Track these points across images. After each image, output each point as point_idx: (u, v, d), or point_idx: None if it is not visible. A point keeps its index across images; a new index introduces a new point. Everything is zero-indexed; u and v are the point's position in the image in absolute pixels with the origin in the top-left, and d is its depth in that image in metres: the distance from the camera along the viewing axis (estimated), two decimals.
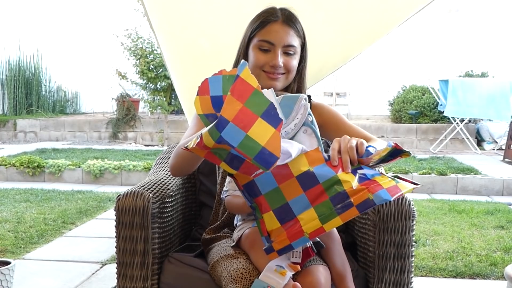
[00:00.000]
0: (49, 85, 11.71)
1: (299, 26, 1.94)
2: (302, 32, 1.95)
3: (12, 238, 4.00)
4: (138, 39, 9.84)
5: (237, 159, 1.35)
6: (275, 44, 1.88)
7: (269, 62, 1.89)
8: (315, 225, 1.42)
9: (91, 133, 10.20)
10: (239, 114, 1.29)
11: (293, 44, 1.90)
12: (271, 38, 1.89)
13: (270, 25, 1.89)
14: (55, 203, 5.14)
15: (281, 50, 1.89)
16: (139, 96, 10.54)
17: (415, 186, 1.47)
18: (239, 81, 1.30)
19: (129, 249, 1.83)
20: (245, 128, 1.30)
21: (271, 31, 1.89)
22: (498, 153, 8.48)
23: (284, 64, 1.90)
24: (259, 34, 1.91)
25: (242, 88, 1.30)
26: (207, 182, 2.28)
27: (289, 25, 1.90)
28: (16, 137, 10.29)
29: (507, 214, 4.84)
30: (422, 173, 6.20)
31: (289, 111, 1.56)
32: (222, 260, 1.72)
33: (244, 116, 1.29)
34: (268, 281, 1.55)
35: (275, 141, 1.31)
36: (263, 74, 1.91)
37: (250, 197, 1.48)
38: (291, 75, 1.95)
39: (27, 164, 6.58)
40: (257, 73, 1.92)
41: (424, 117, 9.63)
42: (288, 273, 1.57)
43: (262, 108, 1.30)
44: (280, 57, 1.89)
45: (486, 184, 6.05)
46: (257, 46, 1.91)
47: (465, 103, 8.16)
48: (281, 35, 1.89)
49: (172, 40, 2.58)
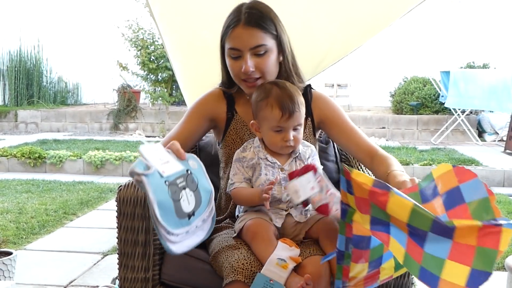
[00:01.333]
0: (50, 76, 11.70)
1: (268, 21, 1.84)
2: (273, 25, 1.85)
3: (13, 229, 4.01)
4: (139, 30, 9.81)
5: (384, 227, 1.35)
6: (242, 50, 1.82)
7: (242, 69, 1.83)
8: (388, 273, 1.51)
9: (92, 124, 10.20)
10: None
11: (261, 43, 1.82)
12: (236, 45, 1.83)
13: (233, 31, 1.83)
14: (57, 194, 5.14)
15: (249, 53, 1.82)
16: (140, 87, 10.53)
17: None
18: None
19: (131, 239, 1.83)
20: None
21: (235, 37, 1.83)
22: (499, 144, 8.47)
23: (257, 67, 1.83)
24: (227, 41, 1.86)
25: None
26: (209, 173, 2.27)
27: (251, 26, 1.81)
28: (17, 128, 10.29)
29: (507, 205, 4.84)
30: (423, 164, 6.19)
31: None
32: (224, 250, 1.73)
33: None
34: (270, 275, 1.56)
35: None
36: (243, 84, 1.89)
37: (349, 246, 1.45)
38: (269, 75, 1.88)
39: (29, 155, 6.58)
40: (239, 82, 1.91)
41: (425, 109, 9.62)
42: (290, 265, 1.58)
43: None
44: (250, 61, 1.82)
45: (487, 175, 6.05)
46: (228, 55, 1.87)
47: (467, 95, 8.15)
48: (244, 38, 1.81)
49: (174, 31, 2.57)
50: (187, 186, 1.53)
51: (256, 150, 1.86)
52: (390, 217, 1.30)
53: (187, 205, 1.51)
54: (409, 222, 1.25)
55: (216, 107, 2.00)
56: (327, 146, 2.25)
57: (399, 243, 1.31)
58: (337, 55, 2.64)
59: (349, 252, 1.46)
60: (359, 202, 1.37)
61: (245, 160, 1.85)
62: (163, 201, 1.45)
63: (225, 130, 2.00)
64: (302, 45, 2.51)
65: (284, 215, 1.80)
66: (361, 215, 1.38)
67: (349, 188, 1.38)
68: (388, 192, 1.28)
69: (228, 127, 2.00)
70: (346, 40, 2.58)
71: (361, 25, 2.53)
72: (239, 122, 1.99)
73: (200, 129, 1.99)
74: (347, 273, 1.47)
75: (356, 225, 1.42)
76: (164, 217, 1.44)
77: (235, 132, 1.99)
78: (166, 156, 1.54)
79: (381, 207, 1.30)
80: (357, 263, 1.46)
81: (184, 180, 1.53)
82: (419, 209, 1.23)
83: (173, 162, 1.54)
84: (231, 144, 1.98)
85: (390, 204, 1.28)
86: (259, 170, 1.83)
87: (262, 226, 1.72)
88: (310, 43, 2.53)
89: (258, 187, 1.80)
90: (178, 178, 1.51)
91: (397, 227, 1.30)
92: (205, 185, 1.59)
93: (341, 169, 1.41)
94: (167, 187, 1.47)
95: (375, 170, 1.86)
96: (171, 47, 2.64)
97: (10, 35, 11.09)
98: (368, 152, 1.89)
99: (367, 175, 1.36)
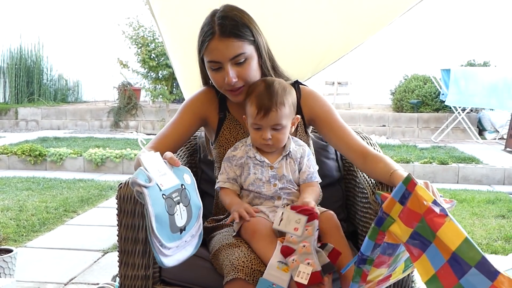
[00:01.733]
0: (50, 74, 11.71)
1: (243, 28, 1.80)
2: (249, 31, 1.82)
3: (14, 226, 4.01)
4: (139, 27, 9.81)
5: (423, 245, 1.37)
6: (221, 62, 1.80)
7: (224, 80, 1.81)
8: (398, 275, 1.59)
9: (93, 121, 10.20)
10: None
11: (239, 52, 1.79)
12: (214, 58, 1.80)
13: (209, 44, 1.80)
14: (57, 192, 5.15)
15: (229, 64, 1.80)
16: (141, 85, 10.53)
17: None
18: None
19: (131, 237, 1.83)
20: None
21: (212, 50, 1.80)
22: (500, 142, 8.48)
23: (239, 76, 1.81)
24: (205, 54, 1.83)
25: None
26: (209, 171, 2.28)
27: (227, 37, 1.77)
28: (17, 125, 10.29)
29: (508, 203, 4.84)
30: (423, 162, 6.19)
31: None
32: (224, 248, 1.73)
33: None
34: (272, 279, 1.56)
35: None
36: (228, 93, 1.88)
37: (376, 251, 1.46)
38: (251, 81, 1.85)
39: (29, 153, 6.59)
40: (224, 92, 1.90)
41: (425, 106, 9.62)
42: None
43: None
44: (232, 71, 1.80)
45: (487, 174, 6.05)
46: (209, 67, 1.85)
47: (467, 93, 8.15)
48: (222, 51, 1.78)
49: (174, 28, 2.56)
50: (181, 200, 1.56)
51: (247, 148, 1.87)
52: (435, 238, 1.32)
53: (180, 219, 1.54)
54: (456, 251, 1.28)
55: (208, 107, 2.00)
56: (327, 144, 2.25)
57: (431, 263, 1.34)
58: (338, 53, 2.63)
59: (373, 257, 1.47)
60: (409, 214, 1.38)
61: (234, 159, 1.87)
62: (160, 214, 1.47)
63: (217, 130, 2.00)
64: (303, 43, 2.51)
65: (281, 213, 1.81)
66: (402, 227, 1.39)
67: (403, 198, 1.39)
68: (446, 216, 1.33)
69: (221, 127, 1.99)
70: (347, 38, 2.58)
71: (362, 23, 2.53)
72: (232, 122, 1.99)
73: (192, 127, 1.99)
74: (366, 277, 1.49)
75: (390, 234, 1.44)
76: (159, 230, 1.47)
77: (228, 132, 1.98)
78: (163, 167, 1.56)
79: (432, 227, 1.33)
80: (378, 268, 1.48)
81: (179, 194, 1.56)
82: (471, 243, 1.28)
83: (169, 175, 1.56)
84: (225, 144, 1.97)
85: (444, 228, 1.31)
86: (248, 169, 1.85)
87: (261, 224, 1.72)
88: (311, 41, 2.53)
89: (247, 186, 1.84)
90: (174, 192, 1.54)
91: (438, 249, 1.32)
92: (196, 201, 1.62)
93: (405, 178, 1.40)
94: (164, 200, 1.49)
95: (369, 170, 1.83)
96: (171, 45, 2.63)
97: (11, 33, 11.09)
98: (360, 152, 1.86)
99: (429, 192, 1.38)
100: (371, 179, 1.88)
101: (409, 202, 1.38)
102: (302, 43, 2.50)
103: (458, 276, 1.28)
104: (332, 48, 2.61)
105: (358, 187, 2.07)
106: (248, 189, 1.85)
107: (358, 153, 1.87)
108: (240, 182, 1.87)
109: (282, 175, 1.84)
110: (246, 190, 1.86)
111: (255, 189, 1.84)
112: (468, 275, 1.27)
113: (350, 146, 1.89)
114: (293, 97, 1.85)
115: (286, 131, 1.83)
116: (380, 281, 1.54)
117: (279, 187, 1.84)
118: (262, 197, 1.84)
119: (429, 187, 1.54)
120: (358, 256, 1.49)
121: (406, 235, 1.38)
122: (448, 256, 1.29)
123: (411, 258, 1.38)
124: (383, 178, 1.73)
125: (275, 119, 1.78)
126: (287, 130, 1.83)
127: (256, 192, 1.84)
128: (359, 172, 2.04)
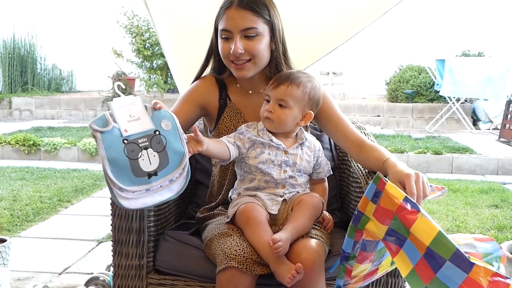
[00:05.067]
0: (44, 63, 11.64)
1: (261, 5, 1.85)
2: (266, 11, 1.86)
3: (8, 216, 4.00)
4: (134, 17, 9.76)
5: (399, 241, 1.38)
6: (232, 31, 1.83)
7: (230, 50, 1.83)
8: (385, 268, 1.59)
9: (87, 111, 10.17)
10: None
11: (251, 26, 1.82)
12: (227, 26, 1.83)
13: (226, 12, 1.84)
14: (51, 181, 5.14)
15: (239, 35, 1.82)
16: (135, 75, 10.49)
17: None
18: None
19: (125, 227, 1.83)
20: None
21: (227, 18, 1.84)
22: (494, 132, 8.50)
23: (246, 49, 1.83)
24: (220, 23, 1.87)
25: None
26: (203, 160, 2.28)
27: (244, 8, 1.82)
28: (11, 115, 10.25)
29: (501, 193, 4.87)
30: (417, 152, 6.21)
31: None
32: (216, 238, 1.73)
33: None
34: None
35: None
36: (232, 66, 1.89)
37: (357, 248, 1.48)
38: (258, 59, 1.87)
39: (23, 142, 6.57)
40: (228, 65, 1.91)
41: (420, 97, 9.63)
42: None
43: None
44: (239, 43, 1.82)
45: (481, 164, 6.07)
46: (220, 36, 1.88)
47: (462, 83, 8.16)
48: (236, 20, 1.82)
49: (167, 17, 2.55)
50: (150, 146, 1.56)
51: (260, 132, 1.87)
52: (410, 235, 1.34)
53: (147, 164, 1.54)
54: (430, 246, 1.30)
55: (208, 94, 2.00)
56: (321, 134, 2.25)
57: (409, 258, 1.35)
58: (333, 43, 2.63)
59: (355, 254, 1.49)
60: (381, 212, 1.40)
61: (247, 134, 1.87)
62: (116, 158, 1.51)
63: (217, 117, 2.00)
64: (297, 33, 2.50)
65: (280, 201, 1.81)
66: (377, 224, 1.41)
67: (375, 197, 1.41)
68: (418, 212, 1.34)
69: (221, 114, 1.99)
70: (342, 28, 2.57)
71: (357, 13, 2.52)
72: (232, 110, 1.99)
73: (192, 116, 1.99)
74: (350, 272, 1.50)
75: (368, 232, 1.45)
76: (116, 173, 1.50)
77: (229, 120, 1.98)
78: (139, 112, 1.58)
79: (405, 224, 1.34)
80: (362, 264, 1.50)
81: (148, 140, 1.56)
82: (444, 237, 1.29)
83: (144, 120, 1.57)
84: (225, 132, 1.97)
85: (417, 224, 1.33)
86: (262, 148, 1.85)
87: (256, 211, 1.73)
88: (306, 32, 2.52)
89: (257, 163, 1.83)
90: (141, 138, 1.55)
91: (413, 245, 1.34)
92: (176, 147, 1.59)
93: (375, 177, 1.42)
94: (124, 145, 1.52)
95: (364, 159, 1.85)
96: (164, 34, 2.62)
97: (4, 22, 11.01)
98: (356, 142, 1.88)
99: (399, 190, 1.40)
100: (365, 169, 1.89)
101: (381, 200, 1.40)
102: (297, 33, 2.49)
103: (434, 270, 1.30)
104: (327, 38, 2.60)
105: (352, 176, 2.08)
106: (258, 167, 1.84)
107: (354, 143, 1.88)
108: (246, 155, 1.86)
109: (294, 163, 1.86)
110: (255, 167, 1.85)
111: (265, 169, 1.83)
112: (444, 269, 1.28)
113: (347, 136, 1.91)
114: (314, 92, 1.86)
115: (290, 113, 1.84)
116: (367, 275, 1.55)
117: (289, 175, 1.85)
118: (269, 181, 1.84)
119: (419, 178, 1.56)
120: (341, 254, 1.51)
121: (382, 232, 1.40)
122: (423, 251, 1.31)
123: (390, 254, 1.40)
124: (377, 167, 1.74)
125: (283, 94, 1.81)
126: (291, 113, 1.84)
127: (265, 172, 1.84)
128: (353, 162, 2.05)
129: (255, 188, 1.85)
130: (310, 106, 1.87)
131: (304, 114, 1.86)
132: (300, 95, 1.82)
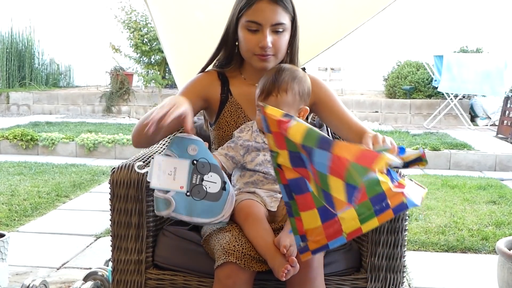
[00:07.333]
0: (42, 58, 11.61)
1: (290, 1, 1.87)
2: (291, 6, 1.88)
3: (6, 211, 4.00)
4: (132, 11, 9.74)
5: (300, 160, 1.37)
6: (262, 24, 1.82)
7: (258, 43, 1.83)
8: (354, 226, 1.39)
9: (85, 106, 10.16)
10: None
11: (281, 21, 1.84)
12: (258, 19, 1.82)
13: (256, 4, 1.83)
14: (49, 176, 5.13)
15: (269, 29, 1.83)
16: (133, 70, 10.47)
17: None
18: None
19: (124, 222, 1.83)
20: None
21: (257, 11, 1.82)
22: (492, 128, 8.51)
23: (273, 44, 1.84)
24: (246, 14, 1.85)
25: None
26: None
27: (276, 2, 1.82)
28: (9, 110, 10.23)
29: (499, 189, 4.88)
30: (415, 148, 6.21)
31: None
32: (215, 233, 1.73)
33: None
34: None
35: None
36: (255, 57, 1.88)
37: (291, 193, 1.44)
38: (281, 54, 1.89)
39: (21, 137, 6.56)
40: (249, 56, 1.90)
41: (418, 93, 9.63)
42: None
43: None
44: (269, 37, 1.83)
45: (479, 160, 6.08)
46: (245, 27, 1.86)
47: (460, 79, 8.16)
48: (268, 14, 1.82)
49: (165, 12, 2.54)
50: (202, 174, 1.61)
51: (254, 134, 1.87)
52: (295, 144, 1.34)
53: (214, 185, 1.61)
54: (303, 142, 1.32)
55: (210, 87, 1.99)
56: (321, 129, 2.25)
57: (310, 172, 1.35)
58: (332, 39, 2.63)
59: (294, 200, 1.44)
60: (277, 137, 1.39)
61: (240, 139, 1.87)
62: (198, 209, 1.58)
63: (218, 112, 2.00)
64: None
65: (279, 198, 1.81)
66: (281, 153, 1.40)
67: (267, 127, 1.40)
68: (290, 120, 1.35)
69: (223, 109, 1.99)
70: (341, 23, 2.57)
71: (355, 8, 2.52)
72: (234, 104, 1.99)
73: (195, 106, 1.97)
74: (301, 225, 1.44)
75: (285, 168, 1.43)
76: (207, 214, 1.61)
77: (229, 115, 1.98)
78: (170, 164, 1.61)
79: (287, 136, 1.35)
80: (306, 211, 1.43)
81: (196, 173, 1.61)
82: (313, 130, 1.31)
83: (179, 166, 1.61)
84: (225, 127, 1.97)
85: (291, 130, 1.34)
86: (256, 151, 1.85)
87: (255, 207, 1.73)
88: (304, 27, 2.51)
89: (254, 166, 1.83)
90: (192, 179, 1.61)
91: (303, 154, 1.34)
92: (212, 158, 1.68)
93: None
94: (191, 197, 1.59)
95: None
96: (162, 29, 2.61)
97: (1, 17, 10.97)
98: (359, 133, 1.89)
99: (275, 108, 1.40)
100: None
101: (271, 126, 1.39)
102: None
103: (316, 167, 1.31)
104: (325, 34, 2.60)
105: None
106: (255, 170, 1.84)
107: (357, 134, 1.89)
108: (243, 161, 1.86)
109: None
110: (251, 171, 1.85)
111: (263, 169, 1.84)
112: (315, 157, 1.30)
113: (350, 128, 1.92)
114: (302, 87, 1.85)
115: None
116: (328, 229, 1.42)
117: None
118: (267, 179, 1.83)
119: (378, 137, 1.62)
120: (286, 206, 1.48)
121: (287, 159, 1.39)
122: (304, 152, 1.33)
123: (307, 180, 1.39)
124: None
125: (274, 105, 1.78)
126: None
127: (263, 172, 1.84)
128: None
129: (254, 182, 1.85)
130: (304, 102, 1.87)
131: (299, 111, 1.87)
132: (291, 99, 1.82)
